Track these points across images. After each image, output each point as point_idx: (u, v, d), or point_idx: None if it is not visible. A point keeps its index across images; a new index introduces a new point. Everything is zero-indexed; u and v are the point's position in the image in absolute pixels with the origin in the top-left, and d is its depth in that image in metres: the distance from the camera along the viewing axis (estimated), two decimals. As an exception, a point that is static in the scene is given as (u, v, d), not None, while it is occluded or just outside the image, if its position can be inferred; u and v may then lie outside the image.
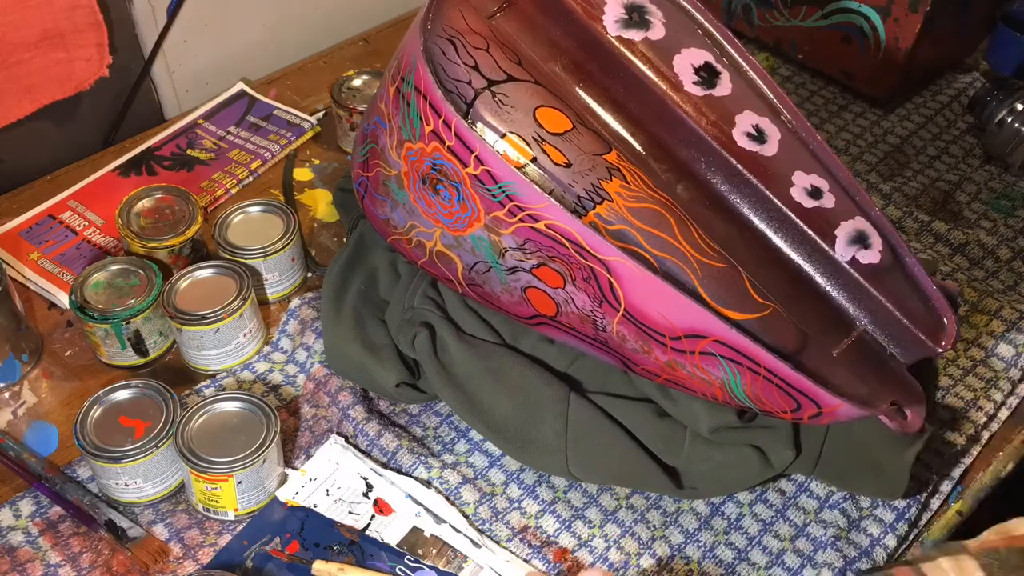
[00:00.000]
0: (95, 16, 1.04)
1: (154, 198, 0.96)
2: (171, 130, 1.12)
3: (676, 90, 0.76)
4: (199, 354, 0.87)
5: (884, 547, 0.78)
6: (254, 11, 1.19)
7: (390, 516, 0.79)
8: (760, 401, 0.72)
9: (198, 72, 1.17)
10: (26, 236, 0.99)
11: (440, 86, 0.72)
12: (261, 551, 0.76)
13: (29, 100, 1.03)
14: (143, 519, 0.78)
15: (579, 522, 0.79)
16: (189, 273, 0.88)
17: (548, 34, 0.77)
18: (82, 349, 0.90)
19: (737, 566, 0.77)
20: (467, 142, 0.71)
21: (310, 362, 0.89)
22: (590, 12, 0.77)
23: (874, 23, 1.12)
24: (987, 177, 1.10)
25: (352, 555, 0.77)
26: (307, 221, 1.03)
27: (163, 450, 0.77)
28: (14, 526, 0.78)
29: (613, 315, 0.73)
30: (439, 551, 0.77)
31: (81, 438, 0.77)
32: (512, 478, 0.82)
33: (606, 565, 0.77)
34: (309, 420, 0.86)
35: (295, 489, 0.80)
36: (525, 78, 0.73)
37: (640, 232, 0.70)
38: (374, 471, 0.81)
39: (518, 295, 0.77)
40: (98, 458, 0.76)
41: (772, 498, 0.81)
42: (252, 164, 1.08)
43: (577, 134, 0.72)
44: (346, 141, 1.10)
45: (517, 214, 0.71)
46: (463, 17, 0.74)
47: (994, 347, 0.92)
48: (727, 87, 0.77)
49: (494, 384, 0.82)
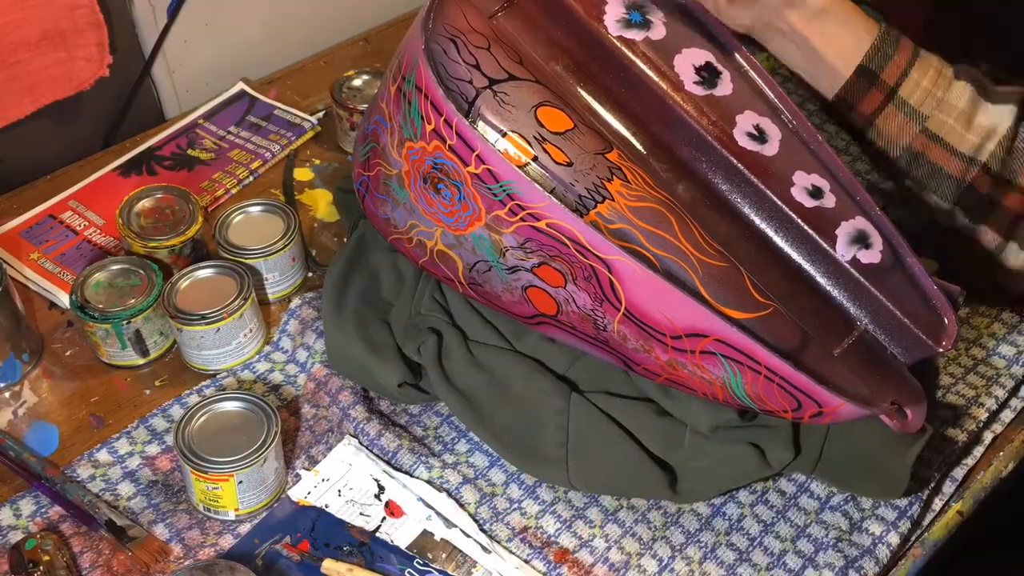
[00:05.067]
0: (95, 16, 1.04)
1: (154, 198, 0.96)
2: (171, 130, 1.12)
3: (677, 90, 0.76)
4: (199, 354, 0.87)
5: (887, 545, 0.78)
6: (254, 11, 1.19)
7: (401, 519, 0.79)
8: (761, 400, 0.72)
9: (198, 72, 1.17)
10: (26, 236, 0.99)
11: (441, 85, 0.72)
12: (272, 548, 0.77)
13: (29, 100, 1.03)
14: (143, 519, 0.78)
15: (580, 522, 0.79)
16: (189, 273, 0.88)
17: (549, 33, 0.77)
18: (82, 349, 0.90)
19: (738, 567, 0.77)
20: (468, 141, 0.71)
21: (311, 362, 0.89)
22: (591, 12, 0.77)
23: (874, 23, 1.11)
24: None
25: (362, 556, 0.77)
26: (307, 221, 1.03)
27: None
28: (14, 526, 0.78)
29: (614, 314, 0.73)
30: (449, 555, 0.77)
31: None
32: (512, 478, 0.82)
33: (607, 566, 0.77)
34: (310, 420, 0.86)
35: (307, 489, 0.80)
36: (526, 77, 0.73)
37: (641, 231, 0.70)
38: (386, 473, 0.81)
39: (519, 294, 0.77)
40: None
41: (773, 499, 0.81)
42: (252, 164, 1.08)
43: (578, 133, 0.72)
44: (346, 141, 1.10)
45: (518, 213, 0.71)
46: (464, 16, 0.74)
47: (995, 347, 0.92)
48: (728, 87, 0.77)
49: (497, 393, 0.82)
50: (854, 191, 0.76)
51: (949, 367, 0.90)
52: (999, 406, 0.87)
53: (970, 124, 0.82)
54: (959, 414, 0.86)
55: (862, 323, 0.75)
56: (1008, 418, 0.87)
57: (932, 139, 0.83)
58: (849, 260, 0.74)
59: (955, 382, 0.89)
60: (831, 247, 0.75)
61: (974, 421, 0.86)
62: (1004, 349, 0.91)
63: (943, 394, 0.88)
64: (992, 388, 0.88)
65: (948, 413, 0.86)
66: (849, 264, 0.74)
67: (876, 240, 0.75)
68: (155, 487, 0.81)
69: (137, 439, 0.84)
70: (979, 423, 0.86)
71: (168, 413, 0.86)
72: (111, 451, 0.83)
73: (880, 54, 0.81)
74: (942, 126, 0.83)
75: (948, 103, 0.82)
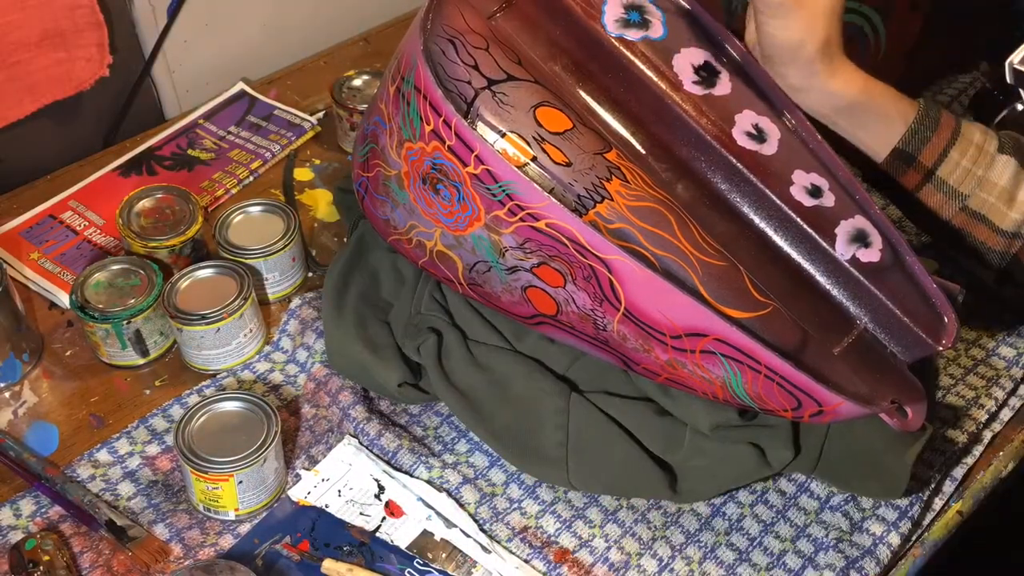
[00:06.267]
0: (95, 16, 1.04)
1: (155, 198, 0.96)
2: (171, 130, 1.12)
3: (676, 89, 0.76)
4: (199, 354, 0.87)
5: (888, 545, 0.78)
6: (254, 11, 1.19)
7: (401, 519, 0.79)
8: (761, 399, 0.72)
9: (198, 72, 1.17)
10: (26, 236, 0.99)
11: (440, 85, 0.72)
12: (272, 548, 0.77)
13: (29, 100, 1.03)
14: (143, 519, 0.78)
15: (580, 522, 0.79)
16: (189, 273, 0.88)
17: (548, 34, 0.77)
18: (83, 349, 0.90)
19: (738, 567, 0.77)
20: (467, 141, 0.71)
21: (311, 362, 0.89)
22: (590, 12, 0.77)
23: (875, 23, 1.11)
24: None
25: (362, 556, 0.77)
26: (307, 221, 1.03)
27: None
28: (14, 525, 0.78)
29: (614, 314, 0.73)
30: (449, 555, 0.77)
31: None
32: (512, 478, 0.82)
33: (607, 566, 0.77)
34: (310, 420, 0.86)
35: (307, 489, 0.80)
36: (525, 77, 0.73)
37: (640, 231, 0.70)
38: (386, 473, 0.81)
39: (518, 294, 0.77)
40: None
41: (773, 499, 0.81)
42: (252, 164, 1.08)
43: (577, 133, 0.72)
44: (346, 141, 1.10)
45: (517, 213, 0.71)
46: (463, 17, 0.74)
47: (995, 348, 0.92)
48: (727, 86, 0.77)
49: (497, 393, 0.82)
50: (853, 190, 0.76)
51: (949, 368, 0.90)
52: (999, 407, 0.87)
53: (1013, 202, 0.80)
54: (959, 415, 0.86)
55: (862, 322, 0.75)
56: (1007, 417, 0.87)
57: (973, 217, 0.80)
58: (849, 259, 0.74)
59: (955, 383, 0.89)
60: (831, 246, 0.75)
61: (974, 422, 0.86)
62: (1004, 350, 0.91)
63: (943, 395, 0.88)
64: (992, 389, 0.88)
65: (948, 414, 0.86)
66: (849, 263, 0.74)
67: (876, 239, 0.75)
68: (155, 487, 0.81)
69: (137, 439, 0.84)
70: (979, 424, 0.86)
71: (168, 413, 0.86)
72: (111, 451, 0.83)
73: (917, 137, 0.79)
74: (983, 204, 0.80)
75: (990, 181, 0.79)
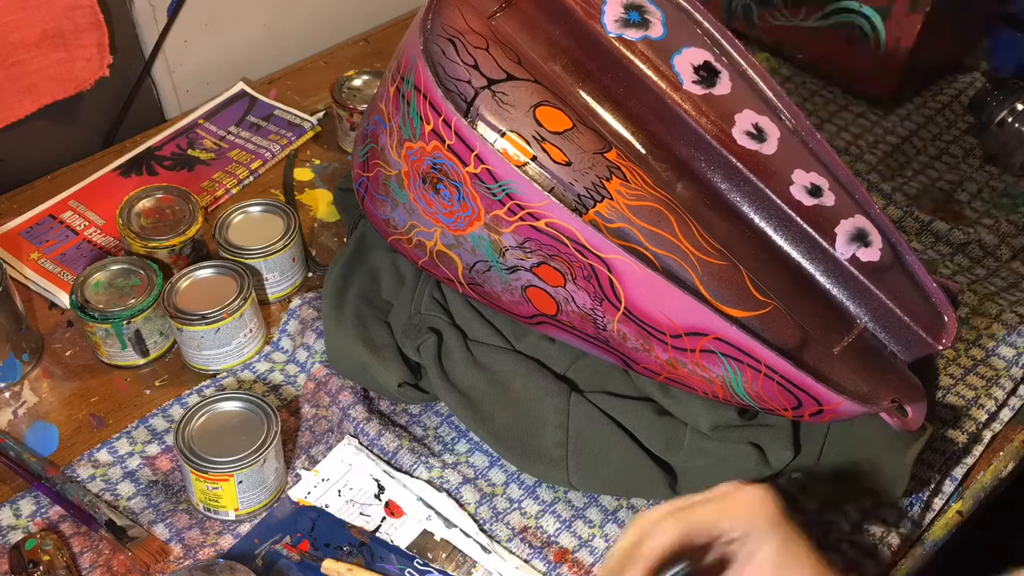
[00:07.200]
0: (95, 16, 1.04)
1: (155, 198, 0.96)
2: (171, 130, 1.12)
3: (676, 89, 0.76)
4: (199, 354, 0.87)
5: (888, 545, 0.78)
6: (254, 11, 1.19)
7: (401, 519, 0.79)
8: (761, 399, 0.72)
9: (198, 72, 1.17)
10: (26, 236, 0.99)
11: (440, 85, 0.72)
12: (272, 549, 0.77)
13: (29, 100, 1.03)
14: (143, 519, 0.78)
15: (579, 522, 0.79)
16: (189, 273, 0.88)
17: (548, 33, 0.77)
18: (82, 349, 0.90)
19: (738, 565, 0.77)
20: (467, 141, 0.71)
21: (311, 362, 0.89)
22: (589, 12, 0.77)
23: (874, 23, 1.12)
24: (987, 177, 1.10)
25: (362, 556, 0.77)
26: (307, 221, 1.03)
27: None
28: (14, 525, 0.78)
29: (614, 313, 0.73)
30: (449, 555, 0.77)
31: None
32: (512, 478, 0.82)
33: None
34: (310, 420, 0.86)
35: (307, 489, 0.80)
36: (525, 77, 0.73)
37: (640, 230, 0.70)
38: (386, 473, 0.81)
39: (518, 294, 0.77)
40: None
41: (773, 498, 0.81)
42: (252, 164, 1.08)
43: (577, 133, 0.72)
44: (346, 141, 1.10)
45: (517, 212, 0.71)
46: (463, 17, 0.74)
47: (995, 348, 0.91)
48: (726, 86, 0.77)
49: (497, 393, 0.82)
50: (853, 189, 0.76)
51: (949, 368, 0.90)
52: (999, 407, 0.87)
53: None
54: (959, 415, 0.86)
55: (862, 321, 0.75)
56: (1007, 417, 0.87)
57: None
58: (848, 258, 0.74)
59: (955, 383, 0.89)
60: (830, 245, 0.75)
61: (974, 422, 0.86)
62: (1004, 350, 0.91)
63: (943, 395, 0.88)
64: (992, 389, 0.88)
65: (948, 414, 0.86)
66: (848, 262, 0.74)
67: (875, 238, 0.75)
68: (155, 487, 0.81)
69: (137, 439, 0.84)
70: (979, 424, 0.86)
71: (168, 413, 0.86)
72: (111, 451, 0.83)
73: None
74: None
75: None
